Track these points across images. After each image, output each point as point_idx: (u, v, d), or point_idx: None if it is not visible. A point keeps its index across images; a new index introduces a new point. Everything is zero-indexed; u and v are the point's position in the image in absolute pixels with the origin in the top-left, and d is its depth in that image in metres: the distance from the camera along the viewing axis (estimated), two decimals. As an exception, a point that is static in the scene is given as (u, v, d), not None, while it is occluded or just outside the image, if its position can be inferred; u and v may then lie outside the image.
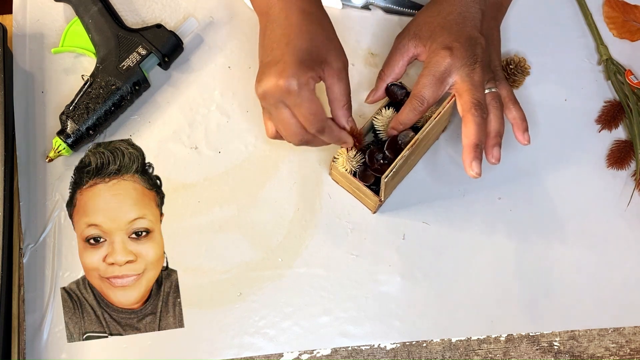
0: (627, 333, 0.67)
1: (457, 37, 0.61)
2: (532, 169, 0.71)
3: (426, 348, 0.66)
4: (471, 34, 0.61)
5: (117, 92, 0.68)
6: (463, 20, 0.62)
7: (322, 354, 0.66)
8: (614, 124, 0.72)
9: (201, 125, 0.71)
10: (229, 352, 0.65)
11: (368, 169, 0.63)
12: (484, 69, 0.61)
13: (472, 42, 0.61)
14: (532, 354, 0.66)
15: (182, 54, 0.72)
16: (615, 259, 0.69)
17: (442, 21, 0.63)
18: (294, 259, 0.68)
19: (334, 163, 0.63)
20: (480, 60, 0.60)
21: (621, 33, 0.75)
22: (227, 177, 0.70)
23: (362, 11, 0.75)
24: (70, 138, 0.67)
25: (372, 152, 0.62)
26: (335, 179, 0.69)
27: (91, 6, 0.70)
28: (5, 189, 0.65)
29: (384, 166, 0.61)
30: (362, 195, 0.66)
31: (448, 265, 0.68)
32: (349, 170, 0.63)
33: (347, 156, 0.62)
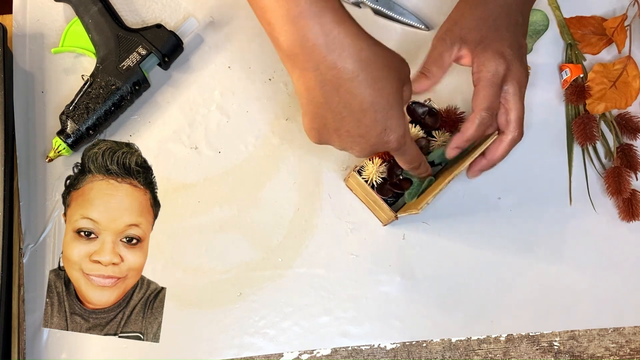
0: (627, 333, 0.67)
1: (509, 43, 0.58)
2: (532, 169, 0.71)
3: (426, 348, 0.66)
4: (520, 41, 0.59)
5: (117, 92, 0.68)
6: (512, 25, 0.59)
7: (322, 354, 0.66)
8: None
9: (201, 125, 0.71)
10: (229, 352, 0.65)
11: (387, 182, 0.62)
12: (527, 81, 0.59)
13: (522, 49, 0.58)
14: (532, 354, 0.66)
15: (182, 54, 0.72)
16: (615, 259, 0.69)
17: (490, 23, 0.59)
18: (294, 259, 0.68)
19: (354, 173, 0.63)
20: (527, 73, 0.58)
21: (582, 47, 0.74)
22: (227, 177, 0.70)
23: (353, 7, 0.74)
24: (70, 138, 0.67)
25: (392, 166, 0.62)
26: (350, 186, 0.69)
27: (91, 6, 0.70)
28: (5, 189, 0.65)
29: (403, 182, 0.61)
30: (376, 208, 0.66)
31: (448, 265, 0.68)
32: (370, 181, 0.62)
33: (375, 168, 0.61)
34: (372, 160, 0.61)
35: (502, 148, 0.60)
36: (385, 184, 0.62)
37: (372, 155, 0.61)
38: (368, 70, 0.47)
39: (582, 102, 0.72)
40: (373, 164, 0.61)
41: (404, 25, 0.74)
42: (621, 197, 0.69)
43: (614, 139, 0.71)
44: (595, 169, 0.71)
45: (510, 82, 0.57)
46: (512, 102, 0.58)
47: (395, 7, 0.74)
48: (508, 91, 0.57)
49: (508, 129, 0.59)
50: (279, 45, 0.47)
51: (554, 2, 0.75)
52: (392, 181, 0.62)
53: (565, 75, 0.72)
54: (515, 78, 0.57)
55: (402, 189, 0.61)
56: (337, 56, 0.46)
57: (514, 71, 0.57)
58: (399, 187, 0.61)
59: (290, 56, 0.47)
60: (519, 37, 0.59)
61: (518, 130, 0.59)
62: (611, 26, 0.73)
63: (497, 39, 0.58)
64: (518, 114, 0.58)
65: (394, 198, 0.63)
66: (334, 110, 0.49)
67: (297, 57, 0.47)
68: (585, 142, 0.70)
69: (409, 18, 0.74)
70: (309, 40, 0.45)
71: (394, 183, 0.62)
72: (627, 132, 0.71)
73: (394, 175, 0.62)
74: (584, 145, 0.71)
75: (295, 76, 0.48)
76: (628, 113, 0.72)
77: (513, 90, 0.57)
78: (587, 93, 0.71)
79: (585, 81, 0.72)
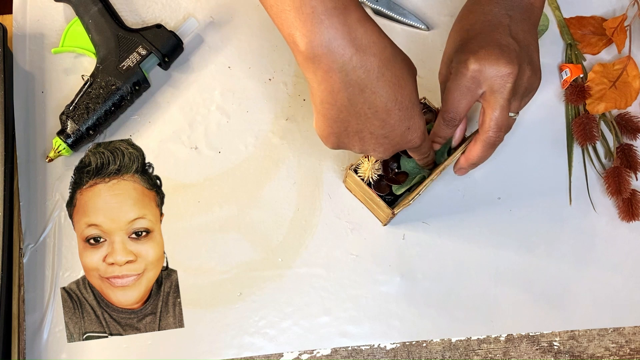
0: (627, 333, 0.67)
1: (483, 44, 0.55)
2: (532, 169, 0.71)
3: (426, 348, 0.66)
4: (500, 40, 0.55)
5: (117, 92, 0.68)
6: (490, 28, 0.57)
7: (322, 354, 0.66)
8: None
9: (201, 125, 0.71)
10: (229, 352, 0.66)
11: (383, 179, 0.62)
12: (517, 82, 0.55)
13: (501, 48, 0.55)
14: (532, 354, 0.66)
15: (182, 54, 0.72)
16: (615, 259, 0.69)
17: (468, 31, 0.58)
18: (294, 259, 0.68)
19: (350, 171, 0.62)
20: (513, 71, 0.54)
21: (582, 47, 0.74)
22: (227, 177, 0.70)
23: None
24: (70, 138, 0.67)
25: (387, 161, 0.62)
26: (348, 187, 0.69)
27: (91, 6, 0.70)
28: (5, 189, 0.65)
29: (399, 175, 0.61)
30: (374, 207, 0.65)
31: (448, 265, 0.68)
32: (367, 178, 0.62)
33: (371, 165, 0.61)
34: (368, 157, 0.61)
35: (477, 149, 0.58)
36: (381, 180, 0.62)
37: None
38: (392, 69, 0.47)
39: (582, 102, 0.72)
40: (368, 161, 0.61)
41: (404, 25, 0.74)
42: (621, 197, 0.69)
43: (614, 139, 0.71)
44: (595, 169, 0.71)
45: (485, 84, 0.55)
46: (486, 103, 0.56)
47: (395, 7, 0.74)
48: (485, 93, 0.56)
49: (482, 129, 0.57)
50: (299, 47, 0.45)
51: (554, 2, 0.75)
52: (389, 176, 0.62)
53: (565, 75, 0.72)
54: (490, 80, 0.55)
55: (398, 182, 0.61)
56: (364, 55, 0.45)
57: (487, 73, 0.54)
58: (395, 182, 0.61)
59: (313, 58, 0.45)
60: (500, 37, 0.56)
61: (492, 132, 0.56)
62: (611, 26, 0.73)
63: (470, 43, 0.57)
64: (492, 115, 0.56)
65: (391, 196, 0.63)
66: (358, 112, 0.48)
67: (321, 58, 0.44)
68: (585, 142, 0.70)
69: (409, 18, 0.74)
70: (336, 39, 0.44)
71: (391, 178, 0.62)
72: (627, 132, 0.71)
73: (390, 170, 0.62)
74: (584, 145, 0.71)
75: (318, 80, 0.46)
76: (628, 113, 0.72)
77: (489, 92, 0.55)
78: (587, 93, 0.71)
79: (585, 81, 0.72)
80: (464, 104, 0.56)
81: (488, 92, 0.55)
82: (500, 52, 0.54)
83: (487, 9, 0.58)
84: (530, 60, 0.56)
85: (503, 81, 0.54)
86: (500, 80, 0.54)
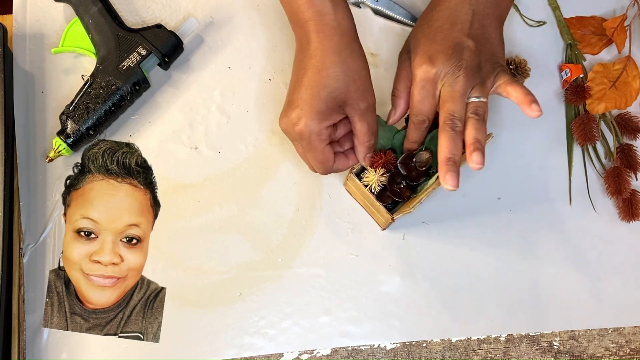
0: (627, 333, 0.67)
1: (440, 45, 0.58)
2: (532, 169, 0.71)
3: (426, 348, 0.66)
4: (457, 39, 0.58)
5: (117, 92, 0.68)
6: (450, 26, 0.59)
7: (322, 354, 0.66)
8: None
9: (201, 125, 0.71)
10: (229, 352, 0.66)
11: (386, 190, 0.62)
12: (469, 76, 0.57)
13: (456, 48, 0.58)
14: (532, 354, 0.66)
15: (182, 54, 0.72)
16: (615, 259, 0.69)
17: (427, 30, 0.61)
18: (294, 259, 0.68)
19: (351, 174, 0.62)
20: (465, 67, 0.57)
21: (582, 47, 0.74)
22: (227, 177, 0.70)
23: (353, 7, 0.74)
24: (70, 138, 0.67)
25: (394, 174, 0.62)
26: (348, 190, 0.69)
27: (91, 6, 0.70)
28: (5, 189, 0.65)
29: (403, 190, 0.61)
30: (374, 211, 0.65)
31: (448, 265, 0.68)
32: (370, 187, 0.62)
33: (377, 178, 0.61)
34: (376, 169, 0.61)
35: (441, 141, 0.58)
36: (385, 191, 0.62)
37: (376, 165, 0.61)
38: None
39: (582, 102, 0.72)
40: (375, 172, 0.61)
41: (403, 25, 0.74)
42: (621, 197, 0.69)
43: (613, 139, 0.71)
44: (595, 169, 0.71)
45: (439, 84, 0.59)
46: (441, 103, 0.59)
47: (395, 7, 0.74)
48: (440, 92, 0.59)
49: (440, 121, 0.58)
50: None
51: (554, 2, 0.75)
52: (392, 188, 0.61)
53: (565, 76, 0.72)
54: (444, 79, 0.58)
55: (402, 198, 0.61)
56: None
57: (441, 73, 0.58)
58: (399, 195, 0.61)
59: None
60: (457, 36, 0.59)
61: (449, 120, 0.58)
62: (611, 26, 0.73)
63: (428, 43, 0.60)
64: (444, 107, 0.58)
65: (392, 205, 0.63)
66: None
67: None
68: (585, 142, 0.70)
69: (409, 18, 0.74)
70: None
71: (394, 191, 0.61)
72: (627, 132, 0.71)
73: (395, 184, 0.61)
74: (583, 145, 0.71)
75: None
76: (628, 113, 0.72)
77: (443, 90, 0.59)
78: (587, 93, 0.71)
79: (585, 81, 0.72)
80: (427, 106, 0.59)
81: (443, 90, 0.58)
82: (452, 53, 0.58)
83: (453, 4, 0.61)
84: (492, 54, 0.59)
85: (453, 80, 0.58)
86: (451, 78, 0.58)
